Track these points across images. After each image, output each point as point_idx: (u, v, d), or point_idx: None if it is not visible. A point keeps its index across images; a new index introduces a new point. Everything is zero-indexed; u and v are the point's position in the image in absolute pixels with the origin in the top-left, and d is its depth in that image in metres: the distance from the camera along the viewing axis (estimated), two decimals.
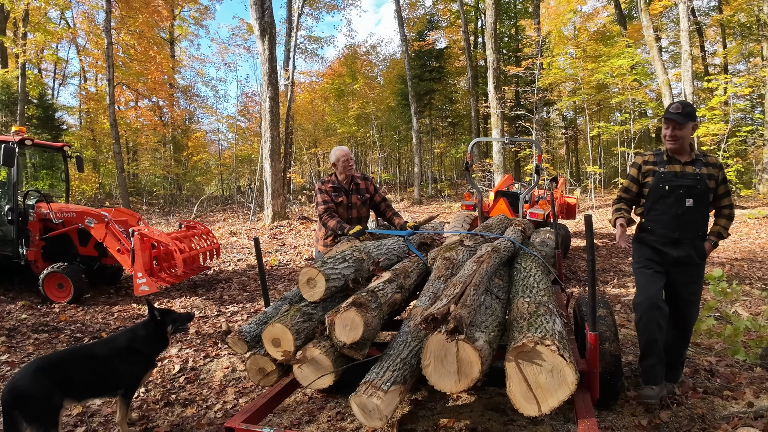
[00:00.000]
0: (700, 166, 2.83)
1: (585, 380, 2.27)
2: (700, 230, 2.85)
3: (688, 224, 2.82)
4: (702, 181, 2.79)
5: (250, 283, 7.00)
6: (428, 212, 15.54)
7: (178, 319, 3.00)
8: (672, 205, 2.82)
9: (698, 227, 2.84)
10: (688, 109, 2.77)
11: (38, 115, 19.17)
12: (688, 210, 2.80)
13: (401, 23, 20.90)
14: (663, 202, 2.85)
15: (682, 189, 2.80)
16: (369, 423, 1.93)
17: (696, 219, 2.82)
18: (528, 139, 12.49)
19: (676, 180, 2.82)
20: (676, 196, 2.81)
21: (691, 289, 2.89)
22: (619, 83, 17.38)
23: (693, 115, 2.80)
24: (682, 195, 2.80)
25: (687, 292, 2.89)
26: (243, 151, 27.04)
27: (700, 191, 2.79)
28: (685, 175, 2.82)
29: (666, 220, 2.85)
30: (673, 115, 2.77)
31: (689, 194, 2.79)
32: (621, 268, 7.12)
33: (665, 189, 2.83)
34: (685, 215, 2.80)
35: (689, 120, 2.78)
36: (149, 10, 21.51)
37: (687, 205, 2.79)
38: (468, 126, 25.83)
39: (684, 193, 2.80)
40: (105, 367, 2.72)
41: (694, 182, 2.80)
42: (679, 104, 2.79)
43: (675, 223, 2.83)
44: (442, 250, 3.05)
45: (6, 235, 6.17)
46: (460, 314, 1.87)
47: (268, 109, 13.00)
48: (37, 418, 2.41)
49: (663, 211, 2.85)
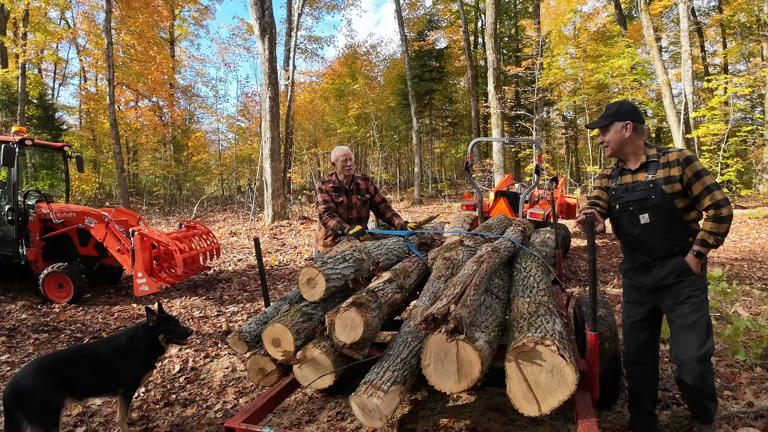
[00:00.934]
0: (654, 169, 2.35)
1: (585, 380, 2.27)
2: (675, 245, 2.34)
3: (651, 244, 2.36)
4: (656, 188, 2.31)
5: (250, 283, 7.00)
6: (428, 212, 15.54)
7: (173, 330, 2.90)
8: (628, 225, 2.41)
9: (668, 244, 2.34)
10: (613, 108, 2.42)
11: (38, 115, 19.18)
12: (647, 228, 2.35)
13: (401, 23, 20.90)
14: (619, 223, 2.47)
15: (632, 205, 2.37)
16: (369, 423, 1.93)
17: (662, 235, 2.34)
18: (528, 139, 12.44)
19: (626, 195, 2.40)
20: (629, 214, 2.39)
21: (680, 312, 2.35)
22: (619, 83, 17.38)
23: (621, 113, 2.38)
24: (634, 211, 2.37)
25: (675, 316, 2.38)
26: (243, 151, 27.06)
27: (655, 201, 2.31)
28: (636, 186, 2.38)
29: (627, 243, 2.48)
30: (595, 120, 2.46)
31: (641, 209, 2.34)
32: None
33: (616, 208, 2.45)
34: (644, 234, 2.36)
35: (615, 120, 2.39)
36: (149, 10, 21.52)
37: (642, 222, 2.35)
38: (468, 126, 25.83)
39: (635, 208, 2.36)
40: (106, 366, 2.72)
41: (645, 193, 2.33)
42: (607, 105, 2.47)
43: (636, 246, 2.42)
44: (442, 250, 3.05)
45: (6, 235, 6.17)
46: (460, 314, 1.87)
47: (268, 109, 13.00)
48: (39, 417, 2.42)
49: (623, 234, 2.48)
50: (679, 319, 2.36)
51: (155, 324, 2.85)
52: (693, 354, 2.28)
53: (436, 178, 26.59)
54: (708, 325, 2.33)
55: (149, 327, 2.85)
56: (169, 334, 2.89)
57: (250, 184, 20.26)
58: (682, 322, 2.34)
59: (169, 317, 2.95)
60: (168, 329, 2.88)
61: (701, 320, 2.30)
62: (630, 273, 2.53)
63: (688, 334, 2.31)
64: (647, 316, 2.51)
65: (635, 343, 2.56)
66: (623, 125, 2.38)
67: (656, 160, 2.36)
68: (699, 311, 2.32)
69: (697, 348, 2.28)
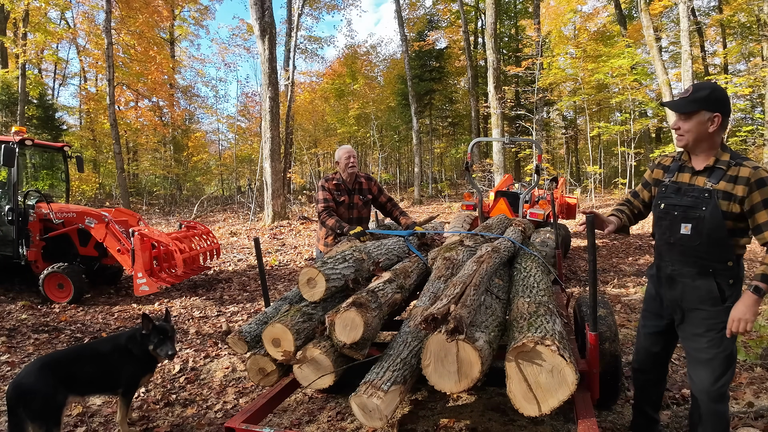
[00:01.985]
0: (717, 177, 1.99)
1: (585, 380, 2.27)
2: (710, 266, 2.03)
3: (684, 257, 2.09)
4: (710, 200, 1.96)
5: (250, 283, 7.00)
6: (428, 212, 15.54)
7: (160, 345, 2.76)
8: (666, 229, 2.14)
9: (702, 262, 2.04)
10: (701, 92, 1.97)
11: (38, 115, 19.18)
12: (684, 239, 2.06)
13: (401, 23, 20.91)
14: (659, 225, 2.19)
15: (678, 210, 2.07)
16: (369, 423, 1.93)
17: (698, 252, 2.04)
18: (528, 139, 12.46)
19: (676, 197, 2.10)
20: (670, 218, 2.11)
21: (697, 344, 2.09)
22: (619, 83, 17.38)
23: (713, 101, 1.95)
24: (677, 218, 2.07)
25: (692, 348, 2.12)
26: (243, 151, 27.07)
27: (704, 215, 1.98)
28: (690, 190, 2.05)
29: (660, 249, 2.21)
30: (677, 100, 2.03)
31: (685, 217, 2.05)
32: (621, 268, 7.12)
33: (660, 207, 2.17)
34: (679, 245, 2.08)
35: (703, 108, 1.96)
36: (149, 10, 21.52)
37: (682, 232, 2.06)
38: (468, 126, 25.84)
39: (679, 215, 2.07)
40: (107, 365, 2.73)
41: (695, 201, 2.02)
42: (691, 86, 2.03)
43: (668, 254, 2.15)
44: (442, 250, 3.05)
45: (6, 235, 6.17)
46: (460, 314, 1.87)
47: (269, 109, 13.01)
48: (41, 415, 2.43)
49: (659, 237, 2.21)
50: (695, 353, 2.10)
51: (148, 333, 2.77)
52: (706, 389, 2.07)
53: (436, 178, 26.60)
54: (727, 360, 2.05)
55: (143, 334, 2.79)
56: (156, 347, 2.77)
57: (250, 184, 20.27)
58: (698, 356, 2.08)
59: (164, 330, 2.80)
60: (156, 342, 2.76)
61: (719, 356, 2.04)
62: (654, 280, 2.30)
63: (703, 370, 2.07)
64: (664, 330, 2.29)
65: (646, 354, 2.39)
66: (711, 117, 1.97)
67: (723, 168, 1.99)
68: (718, 346, 2.04)
69: (711, 383, 2.05)
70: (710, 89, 1.99)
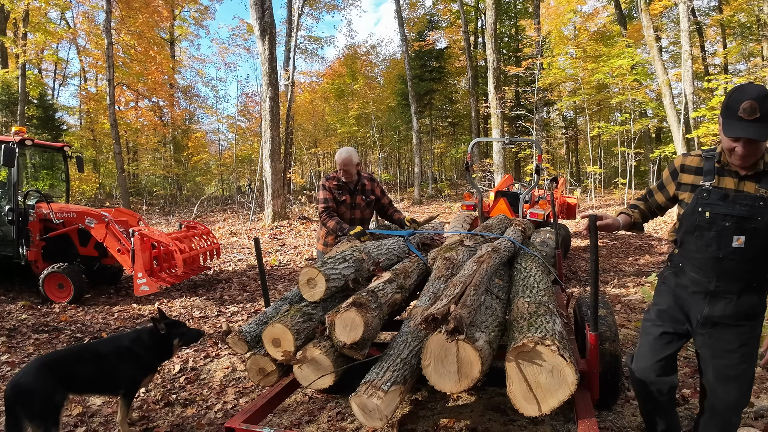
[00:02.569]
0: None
1: (585, 380, 2.27)
2: (754, 280, 1.89)
3: (733, 272, 1.87)
4: (766, 209, 1.80)
5: (251, 283, 7.00)
6: (428, 212, 15.54)
7: (186, 334, 2.98)
8: (712, 241, 1.88)
9: (750, 277, 1.88)
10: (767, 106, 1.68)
11: (38, 115, 19.18)
12: (737, 253, 1.84)
13: (401, 23, 20.91)
14: (700, 236, 1.91)
15: (729, 220, 1.83)
16: (369, 423, 1.93)
17: (749, 266, 1.86)
18: (528, 139, 12.46)
19: (724, 205, 1.85)
20: (719, 229, 1.86)
21: (728, 360, 1.93)
22: (619, 83, 17.38)
23: None
24: (729, 229, 1.84)
25: (722, 365, 1.96)
26: (243, 151, 27.08)
27: (761, 225, 1.80)
28: (741, 197, 1.83)
29: (701, 262, 1.94)
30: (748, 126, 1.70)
31: (740, 229, 1.82)
32: (621, 268, 7.12)
33: (705, 217, 1.88)
34: (730, 260, 1.86)
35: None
36: (149, 10, 21.52)
37: (735, 245, 1.83)
38: (468, 126, 25.84)
39: (732, 226, 1.83)
40: (107, 367, 2.73)
41: (751, 210, 1.80)
42: (754, 104, 1.67)
43: (713, 269, 1.90)
44: (442, 250, 3.05)
45: (6, 235, 6.17)
46: (460, 314, 1.87)
47: (269, 109, 13.01)
48: (39, 415, 2.42)
49: (698, 249, 1.93)
50: (724, 369, 1.94)
51: (167, 331, 2.88)
52: (732, 405, 1.96)
53: (436, 178, 26.61)
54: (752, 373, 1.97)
55: (161, 334, 2.87)
56: (183, 338, 2.95)
57: (250, 184, 20.27)
58: (728, 373, 1.93)
59: (177, 322, 2.99)
60: (182, 333, 2.94)
61: (748, 371, 1.93)
62: (681, 290, 2.04)
63: (732, 386, 1.94)
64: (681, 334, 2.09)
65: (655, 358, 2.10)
66: None
67: None
68: (748, 361, 1.93)
69: (737, 399, 1.95)
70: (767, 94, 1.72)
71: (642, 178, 22.64)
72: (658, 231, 10.56)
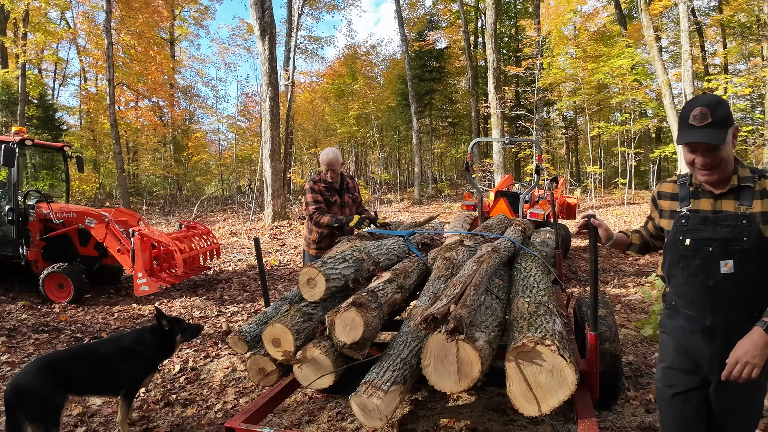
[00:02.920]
0: (748, 198, 1.65)
1: (585, 380, 2.27)
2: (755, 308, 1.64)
3: (728, 302, 1.66)
4: (751, 227, 1.61)
5: (251, 283, 7.00)
6: (428, 212, 15.54)
7: (188, 329, 3.04)
8: (699, 270, 1.69)
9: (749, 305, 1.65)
10: (720, 111, 1.60)
11: (38, 115, 19.18)
12: (728, 279, 1.64)
13: (401, 23, 20.92)
14: (686, 266, 1.72)
15: (713, 245, 1.65)
16: (369, 423, 1.93)
17: (745, 292, 1.64)
18: (528, 139, 12.48)
19: (705, 229, 1.67)
20: (704, 256, 1.67)
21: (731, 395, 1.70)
22: (619, 83, 17.40)
23: (728, 117, 1.62)
24: (714, 254, 1.65)
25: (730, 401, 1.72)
26: (243, 151, 27.07)
27: (747, 245, 1.61)
28: (721, 218, 1.66)
29: (692, 295, 1.72)
30: (700, 132, 1.60)
31: (725, 252, 1.63)
32: (621, 268, 7.12)
33: (686, 245, 1.71)
34: (721, 287, 1.65)
35: (727, 126, 1.61)
36: (149, 10, 21.53)
37: (724, 271, 1.64)
38: (468, 126, 25.85)
39: (717, 250, 1.64)
40: (108, 367, 2.73)
41: (735, 231, 1.63)
42: (704, 109, 1.60)
43: (705, 300, 1.69)
44: (442, 250, 3.05)
45: (6, 235, 6.17)
46: (460, 314, 1.87)
47: (269, 109, 13.01)
48: (39, 416, 2.42)
49: (687, 281, 1.73)
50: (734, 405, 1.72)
51: (170, 327, 2.92)
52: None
53: (436, 178, 26.61)
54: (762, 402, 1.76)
55: (164, 330, 2.90)
56: (184, 333, 3.00)
57: (250, 184, 20.28)
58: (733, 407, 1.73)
59: (178, 318, 3.05)
60: (183, 329, 2.99)
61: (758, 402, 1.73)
62: (679, 334, 1.79)
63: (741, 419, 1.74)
64: (699, 386, 1.77)
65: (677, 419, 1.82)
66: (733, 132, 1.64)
67: (750, 186, 1.66)
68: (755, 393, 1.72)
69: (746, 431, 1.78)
70: (720, 100, 1.63)
71: (642, 178, 22.65)
72: None
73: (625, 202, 16.39)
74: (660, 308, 4.13)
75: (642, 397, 3.06)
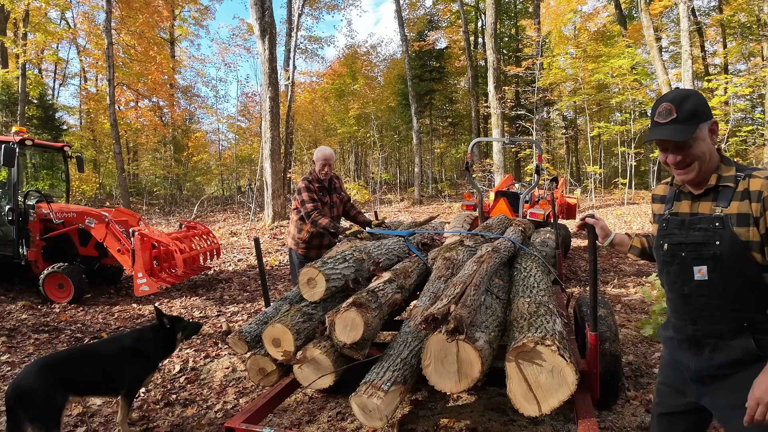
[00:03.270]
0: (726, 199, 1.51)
1: (585, 380, 2.27)
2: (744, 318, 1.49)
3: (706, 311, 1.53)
4: (724, 231, 1.47)
5: (251, 283, 7.00)
6: (428, 212, 15.54)
7: (188, 327, 3.06)
8: (676, 277, 1.58)
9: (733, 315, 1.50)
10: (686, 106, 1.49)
11: (38, 115, 19.18)
12: (702, 287, 1.52)
13: (401, 23, 20.92)
14: (667, 273, 1.63)
15: (685, 249, 1.55)
16: (369, 423, 1.93)
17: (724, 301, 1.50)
18: (528, 139, 12.48)
19: (679, 233, 1.57)
20: (679, 261, 1.57)
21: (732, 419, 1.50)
22: (620, 83, 17.39)
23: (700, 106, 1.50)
24: (687, 260, 1.54)
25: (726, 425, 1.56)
26: (243, 151, 27.08)
27: (720, 251, 1.47)
28: (696, 220, 1.54)
29: (674, 303, 1.63)
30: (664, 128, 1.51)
31: (697, 258, 1.52)
32: (621, 268, 7.12)
33: (664, 250, 1.62)
34: (697, 296, 1.54)
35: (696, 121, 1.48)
36: (149, 10, 21.53)
37: (697, 277, 1.52)
38: (468, 126, 25.85)
39: (689, 256, 1.53)
40: (109, 367, 2.73)
41: (705, 235, 1.50)
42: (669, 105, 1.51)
43: (684, 310, 1.59)
44: (443, 250, 3.05)
45: (6, 235, 6.17)
46: (460, 314, 1.87)
47: (269, 109, 13.01)
48: (40, 417, 2.42)
49: (669, 287, 1.64)
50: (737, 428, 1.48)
51: (171, 325, 2.94)
52: None
53: (436, 178, 26.60)
54: None
55: (166, 329, 2.91)
56: (185, 331, 3.03)
57: (250, 184, 20.28)
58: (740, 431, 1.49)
59: (178, 317, 3.08)
60: (184, 327, 3.02)
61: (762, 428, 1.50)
62: (670, 345, 1.69)
63: None
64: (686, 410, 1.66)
65: None
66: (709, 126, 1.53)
67: (731, 186, 1.51)
68: None
69: None
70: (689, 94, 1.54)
71: (642, 178, 22.65)
72: None
73: (625, 202, 16.39)
74: (660, 308, 4.15)
75: (642, 397, 3.05)
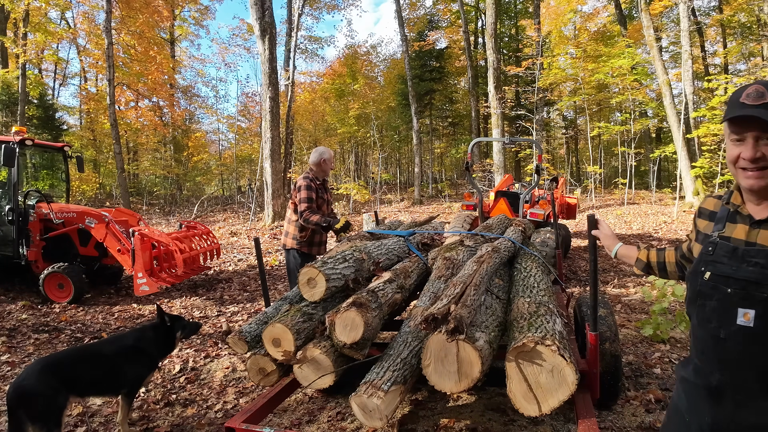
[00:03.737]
0: None
1: (585, 380, 2.27)
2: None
3: (741, 362, 1.24)
4: None
5: (251, 283, 7.00)
6: (428, 212, 15.54)
7: (188, 326, 3.08)
8: (712, 314, 1.28)
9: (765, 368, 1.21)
10: None
11: (39, 115, 19.18)
12: (744, 334, 1.21)
13: (401, 23, 20.92)
14: (702, 306, 1.31)
15: (733, 285, 1.23)
16: (369, 423, 1.93)
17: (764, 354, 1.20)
18: (528, 139, 12.48)
19: (729, 263, 1.25)
20: (720, 297, 1.26)
21: None
22: (620, 83, 17.39)
23: None
24: (732, 298, 1.23)
25: None
26: (243, 151, 27.07)
27: None
28: (752, 252, 1.22)
29: (703, 343, 1.33)
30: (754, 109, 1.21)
31: (747, 299, 1.20)
32: (621, 268, 7.12)
33: (704, 279, 1.30)
34: (734, 342, 1.24)
35: None
36: (149, 10, 21.53)
37: (741, 321, 1.21)
38: (468, 126, 25.85)
39: (736, 294, 1.22)
40: (110, 367, 2.74)
41: (764, 273, 1.18)
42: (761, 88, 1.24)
43: (714, 354, 1.29)
44: (443, 250, 3.05)
45: (6, 235, 6.17)
46: (460, 314, 1.87)
47: (269, 109, 13.01)
48: (41, 417, 2.42)
49: (700, 323, 1.33)
50: None
51: (171, 324, 2.96)
52: None
53: (437, 178, 26.61)
54: None
55: (167, 327, 2.93)
56: (184, 330, 3.05)
57: (251, 184, 20.28)
58: None
59: (178, 316, 3.10)
60: (183, 326, 3.04)
61: None
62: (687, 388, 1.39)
63: None
64: None
65: None
66: None
67: None
68: None
69: None
70: None
71: (642, 178, 22.65)
72: (658, 231, 10.56)
73: (625, 202, 16.39)
74: (660, 308, 4.15)
75: (642, 397, 3.05)
